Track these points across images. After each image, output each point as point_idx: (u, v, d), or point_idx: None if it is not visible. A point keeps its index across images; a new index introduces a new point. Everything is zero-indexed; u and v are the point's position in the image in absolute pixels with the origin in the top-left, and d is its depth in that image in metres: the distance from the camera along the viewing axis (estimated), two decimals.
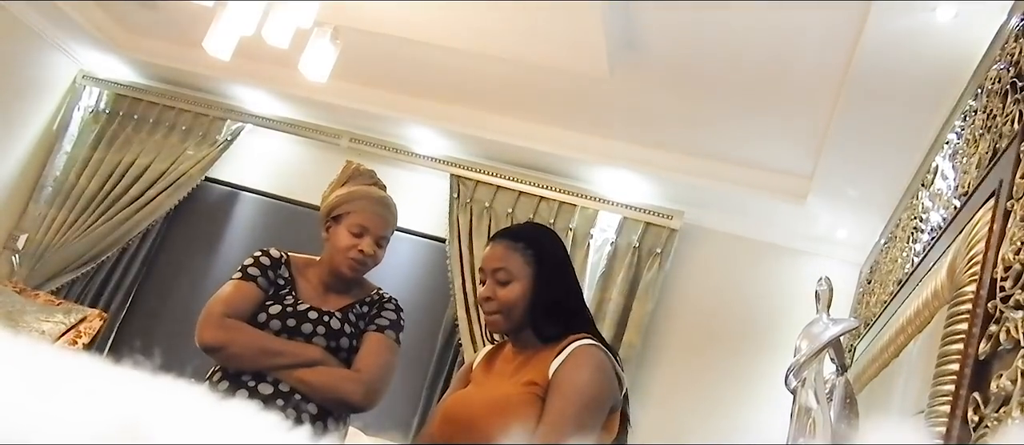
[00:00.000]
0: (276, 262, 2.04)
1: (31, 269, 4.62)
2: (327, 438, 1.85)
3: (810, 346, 1.88)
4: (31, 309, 3.99)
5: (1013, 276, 1.30)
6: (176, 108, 4.84)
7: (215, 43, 3.10)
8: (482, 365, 1.85)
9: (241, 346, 1.87)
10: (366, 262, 2.03)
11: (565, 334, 1.69)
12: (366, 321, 2.02)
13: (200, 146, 4.76)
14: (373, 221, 2.03)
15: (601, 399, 1.61)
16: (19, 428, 0.43)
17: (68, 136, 4.94)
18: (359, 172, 2.13)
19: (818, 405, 1.84)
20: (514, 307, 1.73)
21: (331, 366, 1.92)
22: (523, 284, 1.74)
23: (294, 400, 1.86)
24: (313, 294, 2.03)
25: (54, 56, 4.85)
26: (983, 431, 1.23)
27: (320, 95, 4.32)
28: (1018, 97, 1.59)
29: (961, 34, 2.20)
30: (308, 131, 4.67)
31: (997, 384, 1.21)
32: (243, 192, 4.81)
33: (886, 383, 2.26)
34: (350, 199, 2.04)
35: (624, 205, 4.18)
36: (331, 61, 3.30)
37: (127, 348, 4.51)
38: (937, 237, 2.04)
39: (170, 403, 0.50)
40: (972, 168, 1.82)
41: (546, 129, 4.13)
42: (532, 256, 1.76)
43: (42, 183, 4.87)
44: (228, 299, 1.93)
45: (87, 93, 5.00)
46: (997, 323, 1.31)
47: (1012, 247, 1.34)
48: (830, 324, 1.92)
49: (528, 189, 4.28)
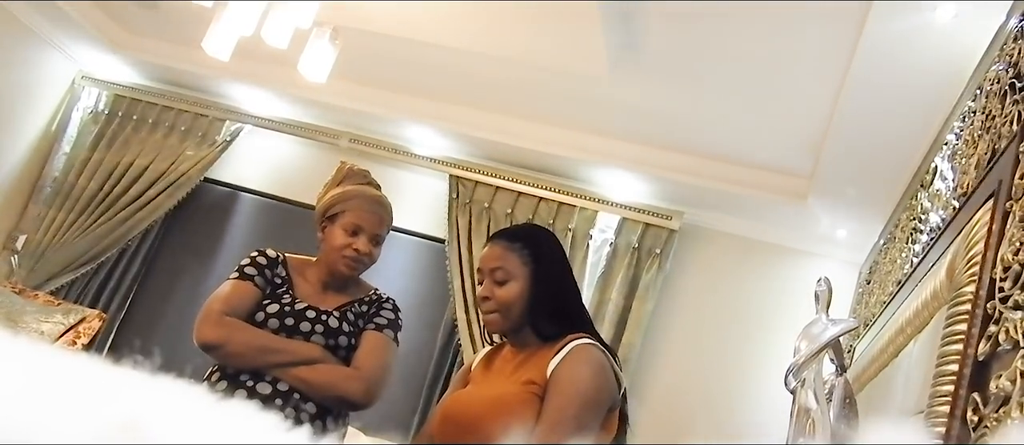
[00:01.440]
0: (273, 261, 2.04)
1: (30, 269, 4.62)
2: (326, 438, 1.85)
3: (809, 346, 1.88)
4: (30, 309, 3.99)
5: (1012, 277, 1.30)
6: (175, 109, 4.84)
7: (214, 43, 3.10)
8: (481, 365, 1.86)
9: (240, 344, 1.87)
10: (362, 261, 2.03)
11: (564, 333, 1.69)
12: (364, 320, 2.03)
13: (199, 146, 4.75)
14: (368, 220, 2.04)
15: (599, 398, 1.61)
16: (19, 428, 0.43)
17: (67, 136, 4.94)
18: (353, 172, 2.14)
19: (818, 405, 1.84)
20: (512, 306, 1.74)
21: (330, 365, 1.92)
22: (520, 283, 1.75)
23: (293, 399, 1.86)
24: (311, 293, 2.03)
25: (53, 57, 4.85)
26: (982, 431, 1.23)
27: (319, 95, 4.32)
28: (1017, 98, 1.59)
29: (960, 35, 2.20)
30: (307, 131, 4.67)
31: (996, 384, 1.21)
32: (242, 192, 4.81)
33: (885, 383, 2.26)
34: (344, 198, 2.05)
35: (623, 205, 4.18)
36: (330, 61, 3.30)
37: (126, 348, 4.50)
38: (936, 238, 2.04)
39: (169, 403, 0.50)
40: (971, 169, 1.82)
41: (545, 129, 4.13)
42: (529, 255, 1.77)
43: (41, 183, 4.87)
44: (226, 298, 1.93)
45: (86, 93, 5.00)
46: (996, 324, 1.31)
47: (1011, 248, 1.34)
48: (829, 324, 1.92)
49: (527, 190, 4.28)
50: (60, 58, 4.89)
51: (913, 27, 2.26)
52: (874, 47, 2.41)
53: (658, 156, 3.98)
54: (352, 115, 4.47)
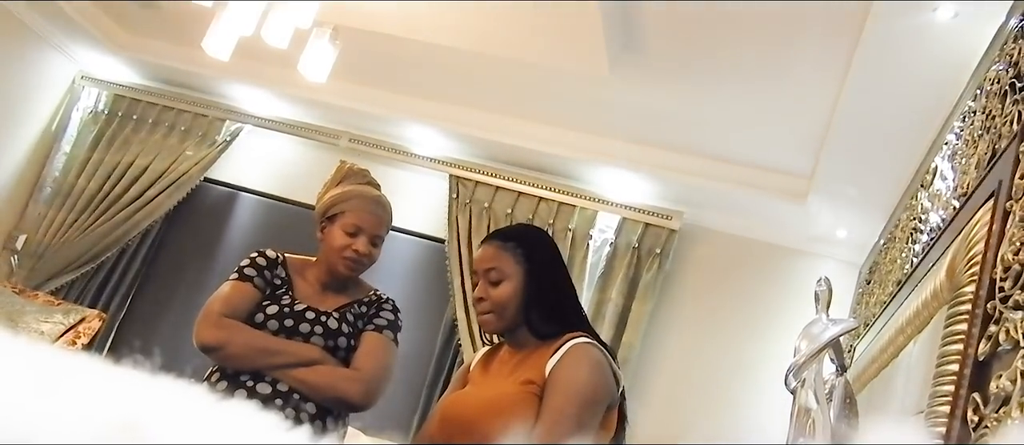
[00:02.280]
0: (272, 262, 2.04)
1: (30, 269, 4.62)
2: (326, 438, 1.85)
3: (810, 346, 1.88)
4: (30, 309, 3.99)
5: (1012, 276, 1.30)
6: (175, 108, 4.84)
7: (214, 43, 3.10)
8: (479, 366, 1.86)
9: (239, 345, 1.87)
10: (362, 261, 2.03)
11: (561, 332, 1.70)
12: (364, 321, 2.02)
13: (199, 146, 4.76)
14: (367, 220, 2.03)
15: (598, 396, 1.61)
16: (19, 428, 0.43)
17: (67, 136, 4.94)
18: (352, 172, 2.14)
19: (818, 405, 1.84)
20: (506, 306, 1.75)
21: (329, 365, 1.92)
22: (514, 282, 1.75)
23: (293, 400, 1.86)
24: (310, 294, 2.03)
25: (53, 56, 4.85)
26: (983, 431, 1.23)
27: (319, 95, 4.32)
28: (1017, 98, 1.59)
29: (960, 34, 2.20)
30: (307, 131, 4.67)
31: (996, 384, 1.21)
32: (242, 192, 4.81)
33: (886, 383, 2.26)
34: (344, 199, 2.05)
35: (624, 205, 4.18)
36: (330, 61, 3.30)
37: (126, 348, 4.50)
38: (936, 238, 2.04)
39: (169, 403, 0.50)
40: (971, 169, 1.82)
41: (546, 129, 4.13)
42: (522, 255, 1.78)
43: (41, 183, 4.88)
44: (226, 299, 1.93)
45: (86, 93, 5.00)
46: (996, 323, 1.31)
47: (1011, 247, 1.34)
48: (830, 324, 1.92)
49: (527, 189, 4.28)
50: (60, 58, 4.89)
51: (913, 27, 2.26)
52: (874, 47, 2.41)
53: (658, 156, 3.98)
54: (352, 115, 4.47)
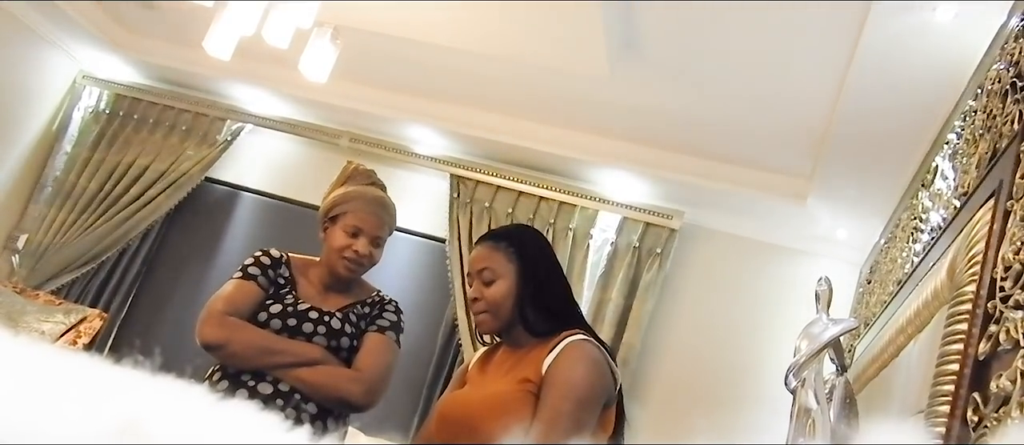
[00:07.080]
0: (276, 262, 2.04)
1: (31, 269, 4.62)
2: (327, 438, 1.85)
3: (810, 346, 1.88)
4: (31, 309, 3.99)
5: (1013, 276, 1.30)
6: (176, 108, 4.84)
7: (215, 43, 3.10)
8: (477, 366, 1.86)
9: (241, 344, 1.87)
10: (361, 262, 2.03)
11: (557, 330, 1.70)
12: (366, 322, 2.03)
13: (200, 146, 4.76)
14: (368, 221, 2.03)
15: (595, 394, 1.61)
16: (19, 428, 0.43)
17: (68, 136, 4.94)
18: (358, 172, 2.13)
19: (818, 405, 1.84)
20: (501, 305, 1.75)
21: (331, 366, 1.92)
22: (508, 282, 1.76)
23: (294, 400, 1.86)
24: (313, 294, 2.03)
25: (54, 56, 4.85)
26: (983, 431, 1.23)
27: (320, 95, 4.32)
28: (1018, 97, 1.59)
29: (961, 34, 2.20)
30: (308, 131, 4.67)
31: (997, 384, 1.21)
32: (243, 192, 4.81)
33: (886, 383, 2.26)
34: (346, 199, 2.05)
35: (624, 205, 4.18)
36: (331, 61, 3.30)
37: (127, 348, 4.49)
38: (937, 237, 2.04)
39: (170, 403, 0.50)
40: (972, 168, 1.82)
41: (546, 129, 4.13)
42: (515, 253, 1.78)
43: (42, 183, 4.87)
44: (229, 297, 1.93)
45: (87, 93, 5.00)
46: (997, 323, 1.31)
47: (1012, 247, 1.34)
48: (830, 324, 1.92)
49: (528, 189, 4.28)
50: (61, 57, 4.89)
51: (913, 27, 2.26)
52: (874, 47, 2.41)
53: (658, 156, 3.98)
54: (353, 115, 4.47)
